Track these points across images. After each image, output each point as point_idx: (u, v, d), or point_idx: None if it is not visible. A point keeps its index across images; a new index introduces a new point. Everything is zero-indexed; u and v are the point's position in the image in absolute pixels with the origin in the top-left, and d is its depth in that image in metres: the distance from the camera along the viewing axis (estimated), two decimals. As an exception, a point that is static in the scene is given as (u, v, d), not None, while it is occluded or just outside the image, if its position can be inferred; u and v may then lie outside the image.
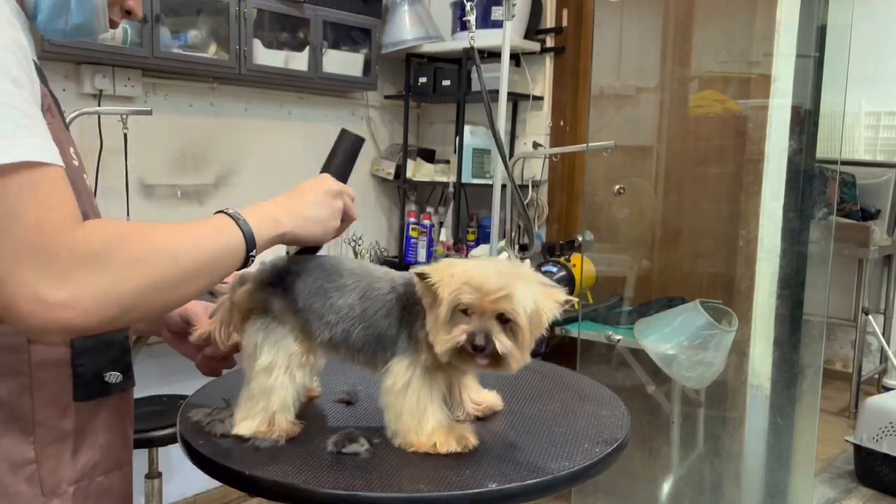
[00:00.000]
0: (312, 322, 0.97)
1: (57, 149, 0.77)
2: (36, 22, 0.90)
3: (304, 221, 0.96)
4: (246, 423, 0.96)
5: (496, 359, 0.89)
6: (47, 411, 0.87)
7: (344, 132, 1.12)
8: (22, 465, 0.85)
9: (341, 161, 1.11)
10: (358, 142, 1.13)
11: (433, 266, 0.91)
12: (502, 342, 0.89)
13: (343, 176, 1.08)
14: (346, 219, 1.02)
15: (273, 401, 0.96)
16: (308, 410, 1.08)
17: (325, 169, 1.10)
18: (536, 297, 0.90)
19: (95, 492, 0.94)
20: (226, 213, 0.90)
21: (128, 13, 0.97)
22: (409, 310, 0.95)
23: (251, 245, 0.89)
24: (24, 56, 0.77)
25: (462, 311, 0.89)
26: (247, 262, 0.90)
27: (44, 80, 0.90)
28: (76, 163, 0.94)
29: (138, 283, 0.77)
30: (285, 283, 0.99)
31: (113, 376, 0.95)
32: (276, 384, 0.96)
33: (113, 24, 0.96)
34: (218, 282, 0.89)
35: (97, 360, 0.93)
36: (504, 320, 0.89)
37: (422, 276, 0.91)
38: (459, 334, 0.89)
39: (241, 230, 0.88)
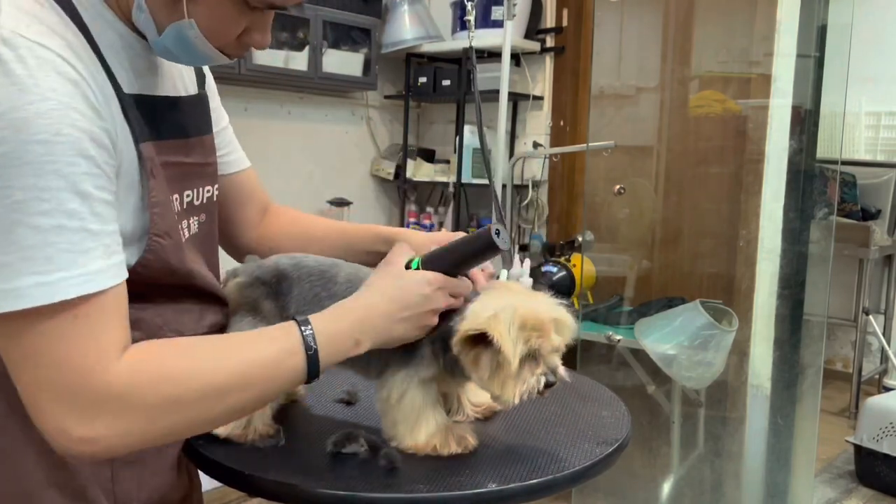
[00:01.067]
0: None
1: (118, 263, 0.75)
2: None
3: (389, 341, 0.89)
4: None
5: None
6: None
7: (486, 231, 0.91)
8: (100, 481, 0.87)
9: (464, 255, 0.94)
10: (493, 249, 0.92)
11: (478, 320, 0.87)
12: (564, 371, 0.91)
13: (456, 271, 0.94)
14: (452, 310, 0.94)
15: None
16: (308, 410, 1.08)
17: (441, 255, 0.94)
18: (572, 319, 0.92)
19: None
20: (301, 332, 0.82)
21: (250, 44, 0.91)
22: None
23: (314, 374, 0.83)
24: (94, 157, 0.74)
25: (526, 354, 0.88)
26: (308, 382, 0.85)
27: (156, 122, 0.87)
28: (192, 218, 0.93)
29: (176, 423, 0.76)
30: (279, 286, 0.98)
31: None
32: None
33: (235, 56, 0.89)
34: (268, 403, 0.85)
35: None
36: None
37: (472, 338, 0.87)
38: (538, 381, 0.88)
39: (307, 360, 0.82)
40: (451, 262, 0.93)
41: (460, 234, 1.03)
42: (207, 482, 0.99)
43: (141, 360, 0.75)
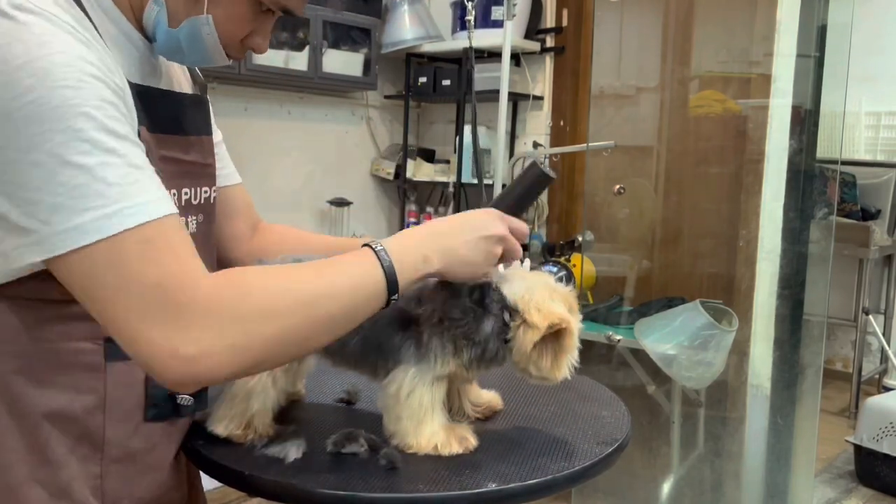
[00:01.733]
0: None
1: (166, 196, 0.76)
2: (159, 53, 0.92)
3: (456, 262, 0.89)
4: (223, 423, 0.96)
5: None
6: (118, 429, 0.88)
7: (534, 164, 1.00)
8: (86, 481, 0.86)
9: (520, 194, 1.01)
10: (545, 179, 1.00)
11: (556, 316, 0.92)
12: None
13: (517, 210, 0.99)
14: (506, 258, 0.95)
15: (252, 404, 0.96)
16: (308, 410, 1.08)
17: (500, 199, 1.01)
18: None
19: None
20: (372, 247, 0.84)
21: (252, 48, 0.95)
22: (416, 319, 0.95)
23: (393, 289, 0.84)
24: (117, 104, 0.76)
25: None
26: (388, 304, 0.85)
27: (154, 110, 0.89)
28: (189, 217, 0.95)
29: (272, 334, 0.76)
30: None
31: (185, 399, 0.94)
32: (257, 388, 0.96)
33: (235, 58, 0.93)
34: (355, 326, 0.86)
35: None
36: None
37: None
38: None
39: (385, 273, 0.83)
40: (512, 202, 0.99)
41: None
42: (207, 482, 0.99)
43: (226, 276, 0.77)
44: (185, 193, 0.94)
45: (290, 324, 0.77)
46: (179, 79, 1.01)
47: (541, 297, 0.93)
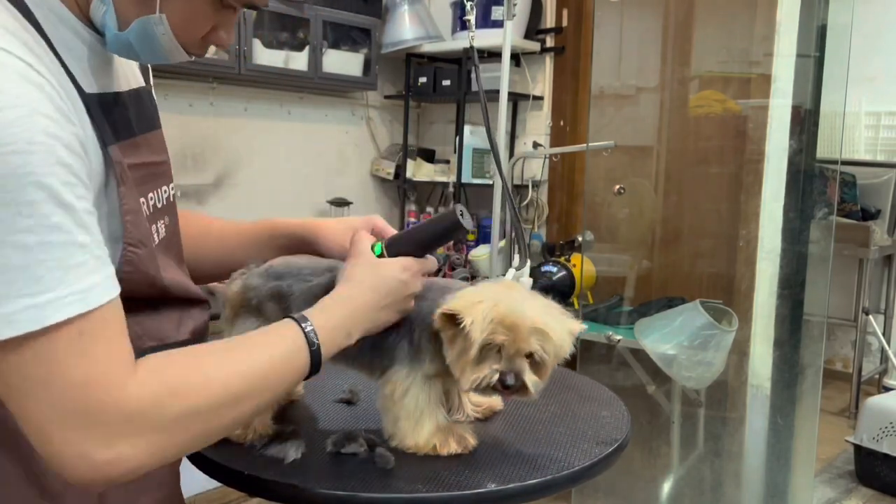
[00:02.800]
0: None
1: (111, 274, 0.72)
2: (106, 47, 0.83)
3: (375, 328, 0.92)
4: None
5: (522, 392, 0.89)
6: None
7: (451, 212, 0.97)
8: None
9: (433, 236, 0.99)
10: (458, 229, 0.97)
11: (460, 302, 0.89)
12: (530, 379, 0.88)
13: (426, 245, 0.98)
14: None
15: None
16: (308, 410, 1.08)
17: (412, 238, 0.98)
18: (564, 335, 0.90)
19: None
20: (302, 329, 0.84)
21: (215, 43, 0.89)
22: (409, 318, 0.95)
23: (315, 369, 0.85)
24: (71, 165, 0.69)
25: (490, 347, 0.88)
26: (308, 377, 0.86)
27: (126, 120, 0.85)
28: (158, 223, 0.91)
29: (193, 434, 0.74)
30: (281, 288, 0.98)
31: None
32: None
33: (196, 55, 0.86)
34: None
35: None
36: (531, 356, 0.89)
37: (450, 316, 0.89)
38: (490, 374, 0.88)
39: (311, 357, 0.84)
40: (417, 244, 0.97)
41: (373, 218, 1.07)
42: (207, 482, 0.99)
43: (154, 374, 0.72)
44: (151, 199, 0.90)
45: (214, 424, 0.76)
46: (130, 67, 0.94)
47: (478, 297, 0.90)
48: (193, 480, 1.03)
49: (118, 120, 0.84)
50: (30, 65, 0.69)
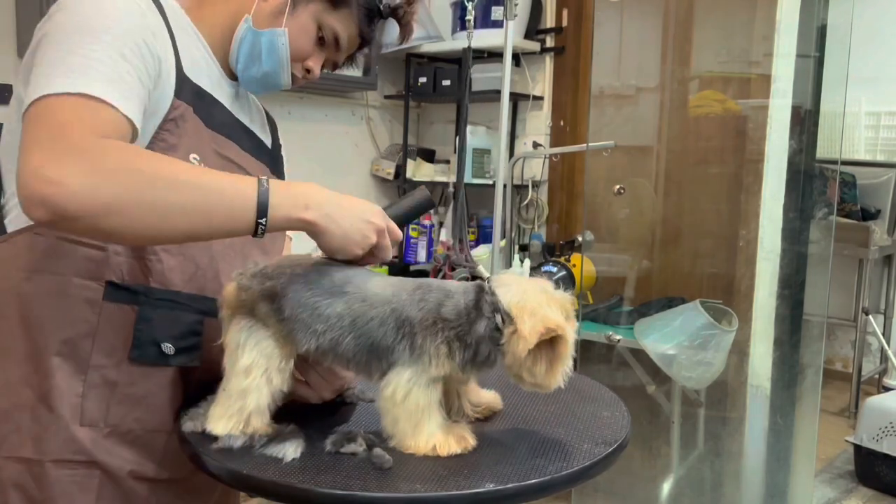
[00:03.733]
0: (298, 331, 0.96)
1: (136, 110, 0.92)
2: (237, 73, 1.13)
3: (332, 225, 0.94)
4: (221, 423, 0.96)
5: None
6: (102, 360, 1.00)
7: (422, 189, 1.13)
8: (69, 394, 0.99)
9: (404, 210, 1.11)
10: (428, 202, 1.13)
11: (551, 323, 0.91)
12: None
13: (398, 220, 1.05)
14: (374, 255, 1.00)
15: (249, 402, 0.96)
16: (306, 410, 1.08)
17: (387, 208, 1.08)
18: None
19: (130, 440, 1.03)
20: (259, 179, 0.91)
21: (307, 71, 1.14)
22: (409, 320, 0.95)
23: (262, 212, 0.89)
24: (153, 56, 0.97)
25: None
26: (256, 229, 0.90)
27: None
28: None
29: (128, 189, 0.84)
30: (275, 288, 0.98)
31: (168, 348, 1.03)
32: (252, 386, 0.96)
33: (294, 80, 1.14)
34: (216, 233, 0.91)
35: (158, 330, 1.02)
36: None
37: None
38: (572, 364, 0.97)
39: (258, 192, 0.89)
40: (395, 213, 1.07)
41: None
42: (207, 482, 0.99)
43: (121, 142, 0.88)
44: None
45: (149, 188, 0.85)
46: (259, 120, 1.23)
47: (536, 302, 0.92)
48: (193, 480, 1.03)
49: (216, 114, 1.09)
50: (139, 4, 0.99)
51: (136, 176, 0.85)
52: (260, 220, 0.89)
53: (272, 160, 1.21)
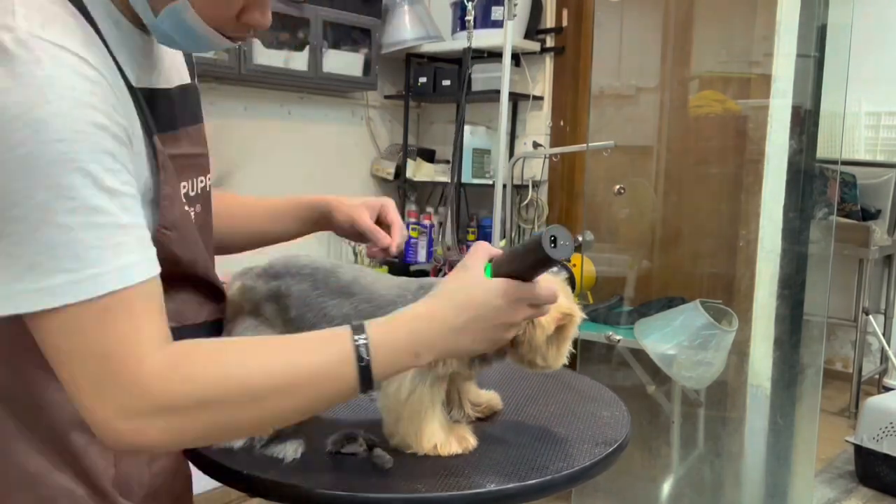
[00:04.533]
0: (303, 331, 0.95)
1: (151, 256, 0.75)
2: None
3: (452, 354, 0.85)
4: None
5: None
6: None
7: (537, 239, 0.80)
8: (104, 466, 0.86)
9: (524, 267, 0.83)
10: (545, 261, 0.81)
11: (565, 306, 0.93)
12: None
13: (532, 274, 0.83)
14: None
15: None
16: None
17: (518, 269, 0.83)
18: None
19: (164, 494, 0.94)
20: (355, 343, 0.76)
21: (250, 26, 0.87)
22: None
23: (365, 389, 0.77)
24: (117, 154, 0.73)
25: None
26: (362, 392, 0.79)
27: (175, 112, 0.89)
28: (187, 208, 0.92)
29: (206, 424, 0.74)
30: (280, 288, 0.98)
31: None
32: None
33: (235, 40, 0.86)
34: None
35: None
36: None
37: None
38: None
39: (359, 372, 0.76)
40: (517, 271, 0.82)
41: (383, 199, 1.13)
42: (207, 482, 0.99)
43: (174, 357, 0.74)
44: (184, 188, 0.93)
45: (229, 418, 0.75)
46: (175, 64, 0.97)
47: None
48: (193, 480, 1.03)
49: (162, 113, 0.88)
50: (84, 59, 0.72)
51: (213, 408, 0.73)
52: (366, 393, 0.78)
53: (189, 97, 0.98)
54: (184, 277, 0.91)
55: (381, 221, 1.14)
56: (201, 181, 0.98)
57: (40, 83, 0.69)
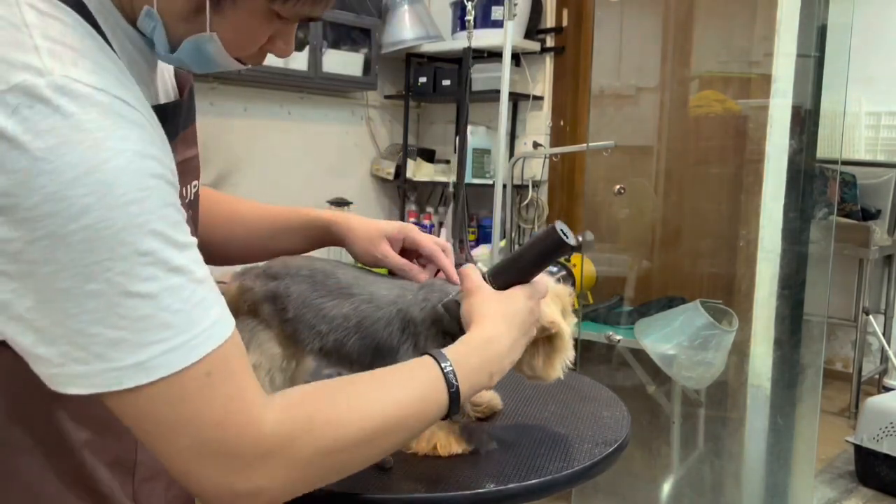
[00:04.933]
0: (302, 331, 0.96)
1: (225, 304, 0.71)
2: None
3: (512, 364, 0.89)
4: None
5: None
6: (147, 453, 0.83)
7: (552, 230, 0.92)
8: (123, 496, 0.84)
9: (534, 263, 0.93)
10: (561, 248, 0.93)
11: (548, 319, 0.93)
12: None
13: (529, 276, 0.93)
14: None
15: None
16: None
17: (517, 265, 0.93)
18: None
19: None
20: (443, 371, 0.80)
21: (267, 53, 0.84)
22: (414, 321, 0.94)
23: (452, 414, 0.81)
24: (177, 203, 0.68)
25: None
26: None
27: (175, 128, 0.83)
28: (188, 200, 0.89)
29: (327, 471, 0.74)
30: (278, 289, 0.97)
31: None
32: None
33: (251, 64, 0.83)
34: None
35: None
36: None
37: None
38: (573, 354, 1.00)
39: (449, 398, 0.79)
40: (521, 272, 0.92)
41: (406, 227, 1.05)
42: (207, 482, 0.99)
43: (289, 411, 0.72)
44: (184, 195, 0.90)
45: (349, 460, 0.75)
46: (166, 74, 0.93)
47: None
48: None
49: (170, 127, 0.82)
50: (124, 101, 0.66)
51: (335, 455, 0.73)
52: (453, 414, 0.82)
53: (184, 103, 0.92)
54: None
55: (406, 249, 1.07)
56: (195, 185, 0.96)
57: (94, 134, 0.62)
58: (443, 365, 0.80)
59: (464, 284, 0.92)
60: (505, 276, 0.92)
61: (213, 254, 1.03)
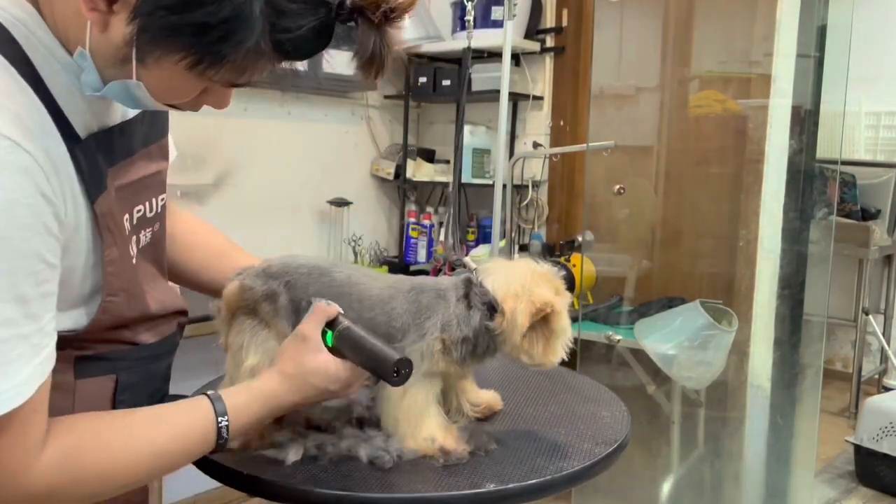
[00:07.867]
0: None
1: (43, 358, 0.72)
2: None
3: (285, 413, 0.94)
4: None
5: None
6: None
7: (397, 362, 0.89)
8: None
9: (369, 363, 0.92)
10: (388, 378, 0.91)
11: (545, 300, 0.92)
12: None
13: (366, 368, 0.93)
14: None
15: None
16: (307, 411, 1.08)
17: (359, 347, 0.92)
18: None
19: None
20: (217, 423, 0.84)
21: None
22: (405, 322, 0.95)
23: (222, 448, 0.86)
24: (48, 234, 0.71)
25: None
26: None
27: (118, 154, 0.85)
28: (143, 234, 0.92)
29: (92, 498, 0.79)
30: (277, 288, 0.98)
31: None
32: None
33: (186, 110, 0.86)
34: None
35: (139, 394, 0.92)
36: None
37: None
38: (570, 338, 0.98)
39: (216, 446, 0.85)
40: (356, 354, 0.91)
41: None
42: (207, 482, 0.99)
43: (59, 460, 0.75)
44: (138, 211, 0.90)
45: (111, 491, 0.80)
46: None
47: (520, 284, 0.92)
48: (194, 481, 1.03)
49: (117, 147, 0.85)
50: (16, 142, 0.68)
51: (96, 497, 0.79)
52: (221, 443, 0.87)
53: (154, 116, 0.95)
54: (133, 321, 0.90)
55: None
56: (162, 199, 0.95)
57: None
58: (219, 420, 0.84)
59: (300, 328, 0.92)
60: (345, 350, 0.91)
61: (177, 276, 1.07)
